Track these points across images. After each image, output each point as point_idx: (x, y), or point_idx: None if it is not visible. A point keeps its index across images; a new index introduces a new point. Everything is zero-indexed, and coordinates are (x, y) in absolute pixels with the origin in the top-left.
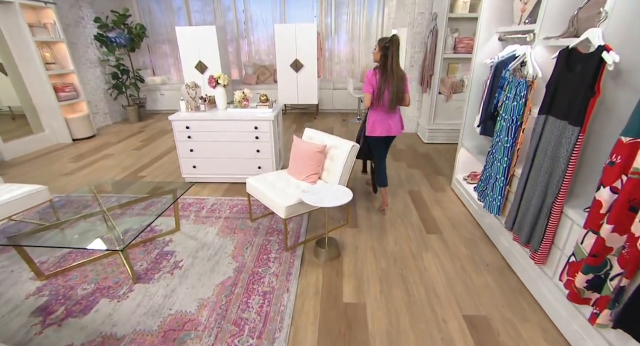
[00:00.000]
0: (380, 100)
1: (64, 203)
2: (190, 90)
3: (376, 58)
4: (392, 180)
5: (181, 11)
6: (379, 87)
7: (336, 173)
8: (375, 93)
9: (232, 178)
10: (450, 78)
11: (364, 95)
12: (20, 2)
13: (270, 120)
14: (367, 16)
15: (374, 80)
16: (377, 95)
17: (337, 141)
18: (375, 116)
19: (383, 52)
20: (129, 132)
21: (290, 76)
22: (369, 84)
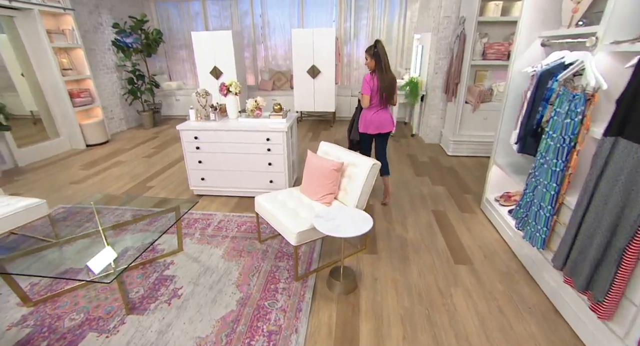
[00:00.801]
0: (376, 100)
1: (67, 215)
2: (200, 98)
3: (371, 66)
4: (414, 197)
5: (198, 16)
6: (378, 87)
7: (354, 194)
8: (374, 93)
9: (242, 192)
10: (478, 86)
11: (363, 96)
12: (40, 8)
13: (284, 132)
14: (387, 20)
15: (372, 82)
16: (374, 94)
17: (355, 158)
18: (369, 115)
19: (375, 58)
20: (143, 138)
21: (307, 82)
22: (367, 86)
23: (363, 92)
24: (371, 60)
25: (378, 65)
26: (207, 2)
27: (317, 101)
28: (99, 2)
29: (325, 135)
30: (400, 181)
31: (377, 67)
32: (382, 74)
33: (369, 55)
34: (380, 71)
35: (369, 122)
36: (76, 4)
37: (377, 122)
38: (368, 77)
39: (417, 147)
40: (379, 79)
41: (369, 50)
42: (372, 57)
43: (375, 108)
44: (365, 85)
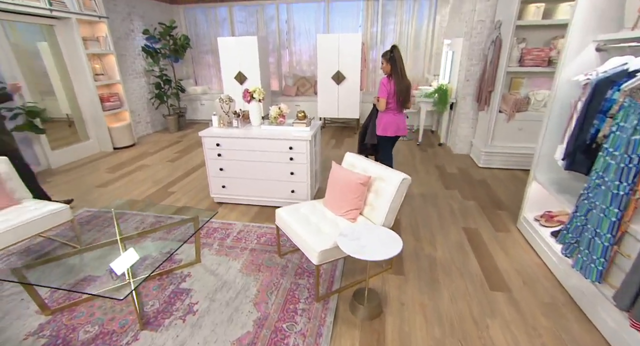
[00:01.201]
0: (393, 103)
1: (90, 219)
2: (223, 105)
3: (387, 71)
4: (443, 212)
5: (225, 22)
6: (394, 91)
7: (381, 210)
8: (392, 96)
9: (262, 202)
10: (514, 94)
11: (380, 99)
12: (77, 17)
13: (307, 141)
14: (416, 25)
15: (389, 86)
16: (392, 98)
17: (384, 171)
18: (387, 118)
19: (391, 63)
20: (167, 141)
21: (331, 88)
22: (384, 89)
23: (380, 96)
24: (387, 64)
25: (394, 70)
26: (234, 8)
27: (341, 107)
28: (132, 9)
29: (349, 142)
30: (428, 194)
31: (393, 71)
32: (398, 78)
33: (385, 60)
34: (397, 76)
35: (389, 125)
36: (110, 12)
37: (396, 125)
38: (385, 81)
39: (446, 157)
40: (395, 83)
41: (385, 54)
42: (388, 62)
43: (392, 111)
44: (383, 88)
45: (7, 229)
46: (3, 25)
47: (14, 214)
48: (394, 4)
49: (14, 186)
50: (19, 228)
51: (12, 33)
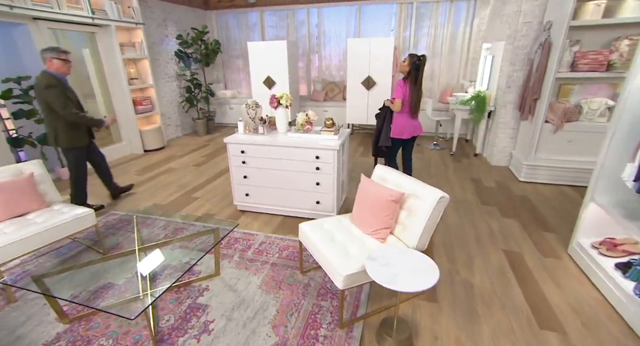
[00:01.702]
0: (409, 107)
1: (116, 222)
2: (250, 110)
3: (404, 69)
4: (481, 231)
5: (256, 27)
6: (410, 95)
7: (414, 231)
8: (406, 100)
9: (286, 212)
10: (563, 103)
11: (396, 100)
12: (116, 24)
13: (335, 150)
14: (452, 29)
15: (405, 89)
16: (406, 102)
17: (418, 188)
18: (403, 120)
19: (413, 67)
20: (195, 145)
21: (361, 94)
22: (401, 90)
23: (396, 96)
24: (408, 65)
25: (412, 75)
26: (265, 13)
27: (371, 114)
28: (167, 15)
29: None
30: (463, 210)
31: (411, 76)
32: (414, 86)
33: (410, 61)
34: (414, 83)
35: (404, 128)
36: (147, 19)
37: (412, 127)
38: (402, 83)
39: (482, 169)
40: (410, 89)
41: (413, 56)
42: (411, 65)
43: (406, 114)
44: (399, 89)
45: (35, 233)
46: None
47: (43, 217)
48: (429, 7)
49: (46, 188)
50: (46, 233)
51: (64, 41)
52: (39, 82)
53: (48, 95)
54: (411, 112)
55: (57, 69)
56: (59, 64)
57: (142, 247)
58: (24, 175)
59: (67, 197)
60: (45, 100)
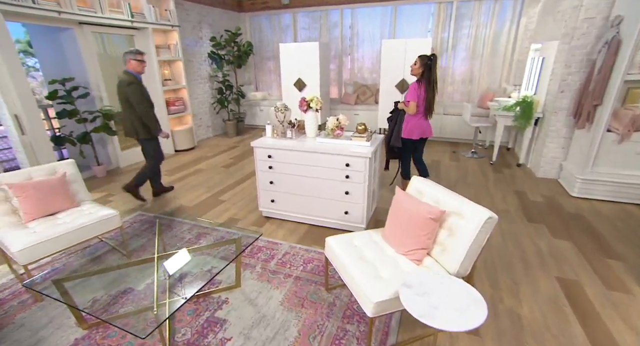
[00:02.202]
0: (423, 108)
1: (141, 224)
2: (278, 113)
3: (417, 72)
4: (528, 253)
5: (289, 29)
6: (424, 98)
7: (456, 255)
8: (421, 102)
9: (312, 220)
10: (631, 109)
11: (411, 103)
12: (153, 27)
13: (367, 158)
14: (495, 29)
15: (420, 91)
16: (421, 104)
17: (462, 205)
18: (414, 122)
19: (426, 68)
20: (225, 146)
21: (395, 97)
22: (415, 93)
23: (411, 99)
24: (420, 67)
25: (426, 76)
26: (298, 14)
27: None
28: (202, 18)
29: None
30: (507, 227)
31: (425, 77)
32: (429, 86)
33: (421, 63)
34: (428, 83)
35: (414, 128)
36: (182, 21)
37: (421, 129)
38: (416, 86)
39: (526, 181)
40: (426, 90)
41: (423, 58)
42: (423, 66)
43: (419, 115)
44: (413, 92)
45: (63, 233)
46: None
47: (72, 217)
48: (470, 6)
49: (77, 188)
50: (73, 233)
51: (109, 44)
52: (122, 79)
53: (129, 91)
54: (425, 114)
55: (134, 68)
56: (136, 64)
57: (162, 254)
58: (57, 175)
59: (100, 195)
60: (126, 95)
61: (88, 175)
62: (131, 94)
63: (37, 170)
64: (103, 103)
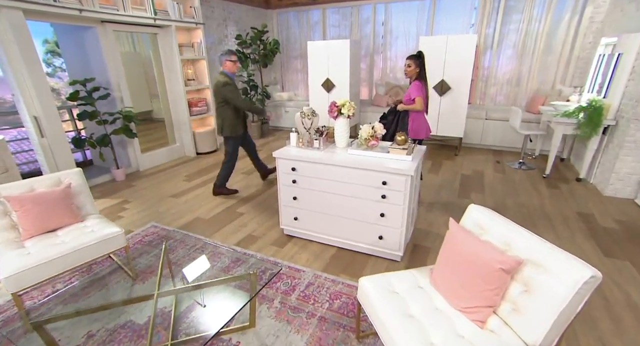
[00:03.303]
0: (426, 105)
1: (152, 238)
2: (305, 120)
3: (412, 74)
4: (613, 300)
5: (317, 26)
6: (425, 95)
7: (538, 321)
8: (423, 99)
9: (341, 243)
10: None
11: (418, 99)
12: (177, 24)
13: (409, 176)
14: (551, 22)
15: (423, 89)
16: (424, 101)
17: (546, 253)
18: (420, 120)
19: (421, 67)
20: None
21: (432, 100)
22: (420, 90)
23: (417, 95)
24: (416, 67)
25: (422, 74)
26: (328, 10)
27: (443, 123)
28: (228, 15)
29: (449, 165)
30: None
31: (421, 75)
32: (426, 85)
33: (416, 63)
34: (425, 80)
35: (420, 128)
36: (207, 19)
37: (426, 127)
38: (419, 84)
39: (591, 200)
40: (426, 88)
41: (416, 57)
42: (418, 66)
43: (422, 113)
44: (419, 89)
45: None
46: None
47: (72, 235)
48: None
49: (83, 199)
50: (70, 256)
51: (139, 43)
52: (218, 81)
53: (225, 91)
54: (426, 111)
55: (229, 69)
56: (230, 65)
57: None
58: (61, 186)
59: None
60: (223, 95)
61: (107, 178)
62: (228, 94)
63: (41, 181)
64: (124, 104)
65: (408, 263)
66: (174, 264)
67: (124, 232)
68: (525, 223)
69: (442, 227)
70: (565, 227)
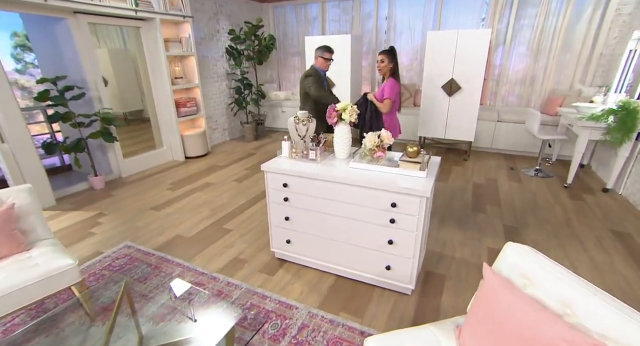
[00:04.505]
0: (398, 104)
1: (124, 262)
2: (299, 126)
3: (385, 70)
4: None
5: (316, 21)
6: (399, 92)
7: None
8: (396, 98)
9: (341, 271)
10: None
11: (387, 101)
12: (162, 17)
13: (424, 198)
14: (570, 16)
15: (397, 88)
16: (396, 99)
17: (629, 325)
18: (394, 120)
19: (394, 63)
20: (241, 153)
21: (440, 101)
22: (395, 90)
23: (389, 96)
24: (389, 62)
25: (396, 69)
26: (327, 4)
27: (452, 126)
28: (220, 8)
29: (459, 172)
30: (622, 295)
31: (395, 71)
32: (399, 80)
33: (388, 58)
34: (397, 76)
35: (394, 128)
36: (197, 12)
37: (398, 127)
38: (393, 82)
39: (624, 215)
40: (400, 86)
41: (388, 53)
42: (392, 61)
43: (396, 112)
44: (394, 89)
45: None
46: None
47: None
48: None
49: (33, 222)
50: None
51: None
52: (304, 73)
53: (306, 82)
54: (399, 109)
55: (320, 65)
56: (322, 62)
57: None
58: (2, 208)
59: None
60: (304, 87)
61: (84, 187)
62: (308, 84)
63: None
64: (102, 105)
65: (420, 297)
66: (144, 298)
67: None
68: (551, 244)
69: (458, 248)
70: (599, 249)
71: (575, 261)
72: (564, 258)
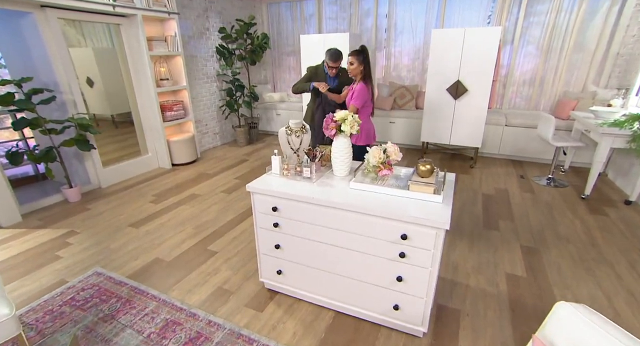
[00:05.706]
0: (371, 109)
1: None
2: (292, 138)
3: (356, 73)
4: None
5: (312, 19)
6: (372, 97)
7: None
8: (368, 103)
9: (341, 307)
10: None
11: (355, 107)
12: (143, 13)
13: (442, 230)
14: (584, 13)
15: (369, 94)
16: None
17: None
18: (369, 124)
19: (365, 64)
20: (233, 159)
21: (445, 104)
22: (365, 96)
23: (357, 104)
24: (360, 64)
25: (367, 71)
26: (324, 1)
27: (457, 131)
28: (209, 5)
29: (466, 181)
30: None
31: (367, 73)
32: (372, 84)
33: (358, 60)
34: (370, 79)
35: (371, 132)
36: (184, 8)
37: (374, 131)
38: (364, 87)
39: None
40: (373, 89)
41: (358, 53)
42: (362, 64)
43: (368, 118)
44: (364, 95)
45: None
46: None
47: None
48: None
49: None
50: None
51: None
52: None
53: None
54: (372, 113)
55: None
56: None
57: None
58: None
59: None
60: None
61: (58, 199)
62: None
63: None
64: (77, 109)
65: (433, 339)
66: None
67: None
68: (578, 271)
69: (472, 275)
70: (636, 277)
71: (610, 293)
72: (597, 289)
